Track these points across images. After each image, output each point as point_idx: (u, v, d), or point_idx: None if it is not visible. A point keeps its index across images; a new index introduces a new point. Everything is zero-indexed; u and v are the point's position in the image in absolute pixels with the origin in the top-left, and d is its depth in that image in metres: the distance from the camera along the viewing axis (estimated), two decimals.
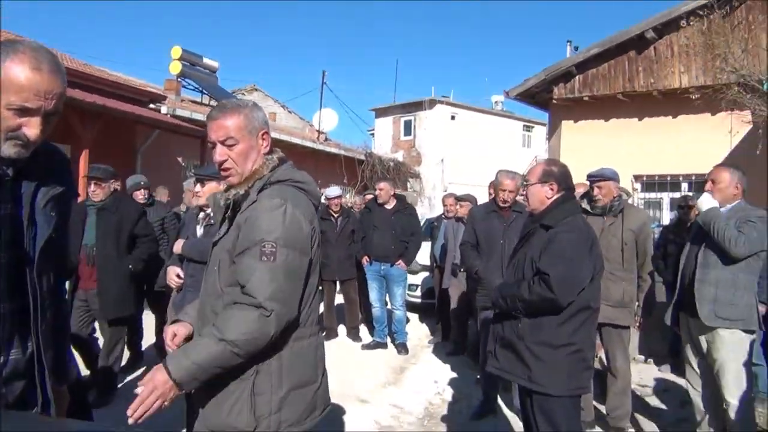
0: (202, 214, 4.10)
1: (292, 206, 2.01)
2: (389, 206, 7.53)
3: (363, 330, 8.40)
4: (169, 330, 2.17)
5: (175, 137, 13.17)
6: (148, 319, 6.44)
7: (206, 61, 18.24)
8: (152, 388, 1.82)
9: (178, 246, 4.05)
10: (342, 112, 44.78)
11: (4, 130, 1.59)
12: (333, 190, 8.06)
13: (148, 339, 6.46)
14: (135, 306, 5.36)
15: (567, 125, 11.46)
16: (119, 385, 5.34)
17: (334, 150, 20.33)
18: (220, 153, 2.07)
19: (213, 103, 17.81)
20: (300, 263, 2.01)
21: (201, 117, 14.35)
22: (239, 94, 24.97)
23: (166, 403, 1.85)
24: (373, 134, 30.50)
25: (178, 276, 3.99)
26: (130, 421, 1.79)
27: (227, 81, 42.49)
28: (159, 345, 5.85)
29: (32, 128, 1.59)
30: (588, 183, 4.78)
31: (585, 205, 4.63)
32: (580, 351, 3.01)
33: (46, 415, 1.65)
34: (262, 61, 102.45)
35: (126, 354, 5.76)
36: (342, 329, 8.27)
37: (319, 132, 21.51)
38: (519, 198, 5.29)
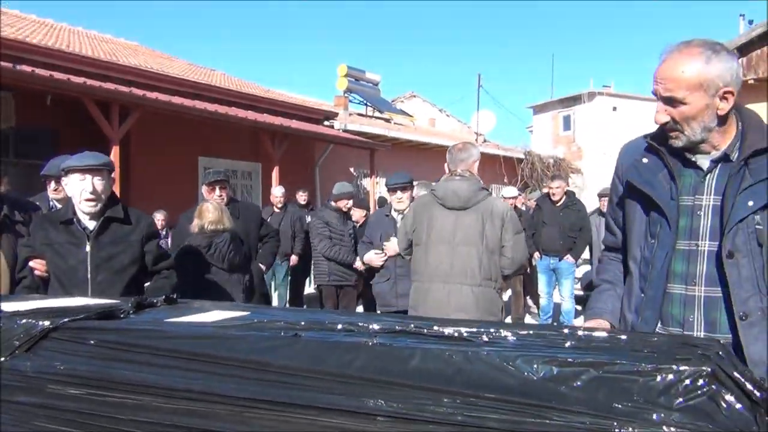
0: (396, 215, 4.86)
1: None
2: (558, 203, 7.93)
3: (528, 320, 8.88)
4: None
5: (347, 149, 14.37)
6: None
7: (369, 75, 19.52)
8: None
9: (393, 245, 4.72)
10: (499, 113, 44.96)
11: None
12: (509, 191, 8.69)
13: None
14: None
15: None
16: None
17: (492, 150, 20.74)
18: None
19: (377, 114, 19.07)
20: None
21: (369, 129, 15.52)
22: (398, 102, 26.18)
23: None
24: (531, 131, 30.44)
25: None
26: None
27: (388, 91, 44.23)
28: None
29: None
30: None
31: None
32: None
33: None
34: (419, 69, 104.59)
35: None
36: (507, 320, 8.80)
37: (477, 134, 22.02)
38: None
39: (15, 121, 9.96)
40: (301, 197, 9.90)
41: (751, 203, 1.75)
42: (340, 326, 1.41)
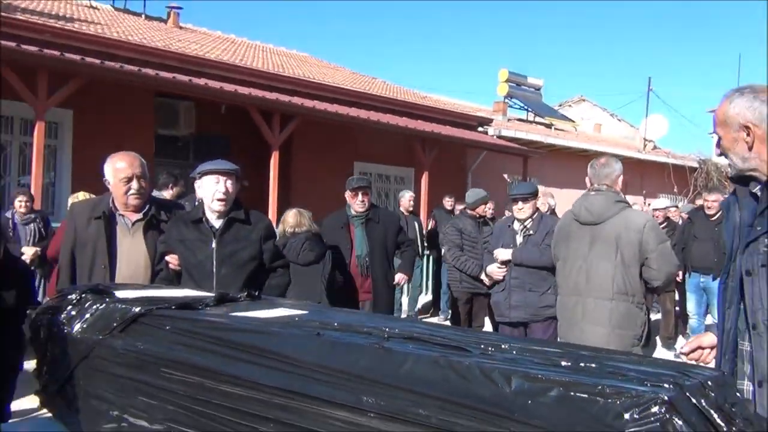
0: (518, 225, 4.83)
1: None
2: (714, 217, 7.36)
3: (680, 340, 8.29)
4: None
5: (501, 156, 14.29)
6: None
7: (530, 80, 19.26)
8: None
9: (506, 253, 4.76)
10: (673, 118, 42.05)
11: None
12: (659, 202, 8.27)
13: None
14: None
15: None
16: None
17: (661, 158, 19.49)
18: None
19: (538, 119, 18.74)
20: None
21: (524, 135, 15.29)
22: (566, 106, 25.42)
23: None
24: (713, 137, 28.12)
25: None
26: None
27: (554, 96, 43.05)
28: None
29: None
30: None
31: None
32: None
33: None
34: (588, 71, 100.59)
35: None
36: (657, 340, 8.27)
37: (646, 141, 20.81)
38: None
39: (195, 128, 11.14)
40: (448, 203, 10.05)
41: (759, 228, 1.92)
42: (365, 329, 1.54)
